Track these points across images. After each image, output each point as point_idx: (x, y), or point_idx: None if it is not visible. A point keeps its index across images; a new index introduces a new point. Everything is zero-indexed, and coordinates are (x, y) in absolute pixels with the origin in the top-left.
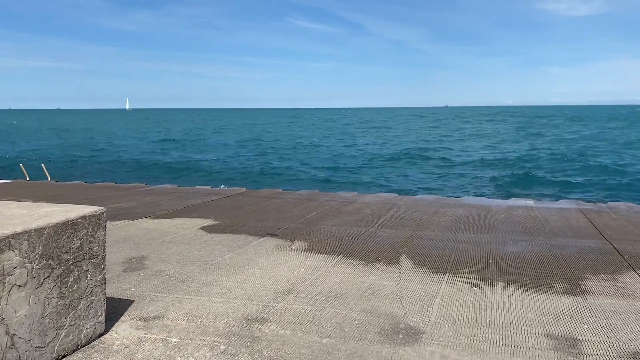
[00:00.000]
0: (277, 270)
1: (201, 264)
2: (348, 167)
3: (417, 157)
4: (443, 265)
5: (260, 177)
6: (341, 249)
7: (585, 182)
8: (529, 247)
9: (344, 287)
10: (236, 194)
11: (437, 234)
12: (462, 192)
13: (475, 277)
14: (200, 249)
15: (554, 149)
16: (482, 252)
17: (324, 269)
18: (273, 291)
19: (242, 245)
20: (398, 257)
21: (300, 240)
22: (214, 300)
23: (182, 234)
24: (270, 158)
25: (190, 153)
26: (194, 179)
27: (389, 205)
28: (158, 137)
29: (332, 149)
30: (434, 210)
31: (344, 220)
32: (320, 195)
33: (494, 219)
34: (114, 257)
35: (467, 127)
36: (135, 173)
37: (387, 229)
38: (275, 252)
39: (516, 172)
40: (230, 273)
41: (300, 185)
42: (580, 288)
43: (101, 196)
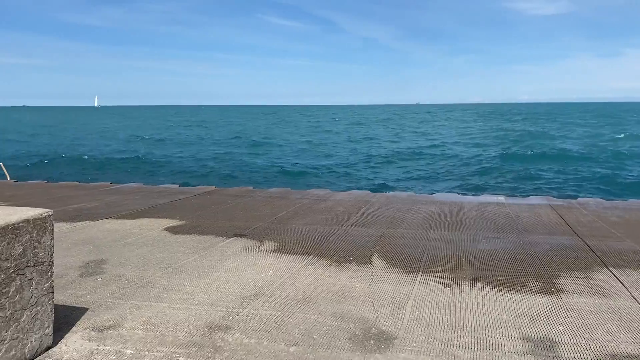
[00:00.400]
0: (244, 273)
1: (163, 268)
2: (339, 165)
3: (402, 155)
4: (416, 264)
5: (238, 174)
6: (312, 249)
7: (554, 177)
8: (502, 245)
9: (314, 290)
10: (204, 193)
11: (409, 231)
12: (435, 189)
13: (448, 276)
14: (163, 251)
15: (520, 145)
16: (454, 250)
17: (294, 271)
18: (239, 296)
19: (208, 247)
20: (370, 256)
21: (270, 240)
22: (175, 306)
23: (146, 235)
24: (249, 155)
25: (160, 150)
26: (163, 177)
27: (361, 203)
28: (128, 135)
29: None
30: (407, 208)
31: (316, 218)
32: (292, 193)
33: (466, 216)
34: (70, 261)
35: (445, 125)
36: (102, 172)
37: (359, 227)
38: (243, 253)
39: (486, 167)
40: (194, 277)
41: (275, 182)
42: (555, 287)
43: (62, 196)
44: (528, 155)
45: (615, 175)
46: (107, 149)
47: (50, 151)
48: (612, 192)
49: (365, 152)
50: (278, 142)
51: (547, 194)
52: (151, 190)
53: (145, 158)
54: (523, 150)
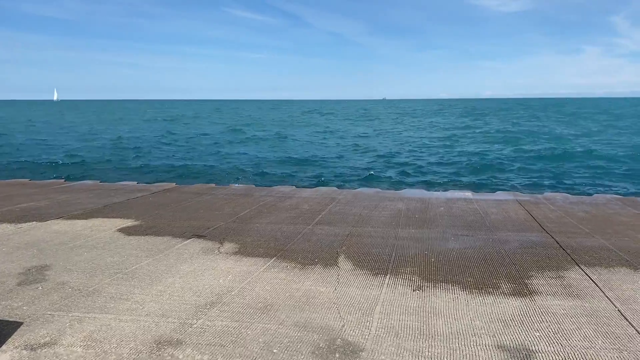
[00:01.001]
0: (201, 278)
1: (113, 273)
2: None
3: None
4: (384, 265)
5: (210, 169)
6: (275, 251)
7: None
8: (472, 243)
9: (275, 296)
10: (164, 190)
11: (377, 230)
12: (402, 185)
13: (417, 278)
14: (114, 255)
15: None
16: (423, 250)
17: (255, 275)
18: (193, 305)
19: (164, 250)
20: (336, 257)
21: (230, 241)
22: (121, 318)
23: (97, 237)
24: (220, 150)
25: (123, 146)
26: (122, 174)
27: (328, 200)
28: (87, 129)
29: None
30: (374, 205)
31: (280, 217)
32: (256, 190)
33: (434, 213)
34: (9, 268)
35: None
36: (60, 169)
37: (325, 226)
38: (201, 256)
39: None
40: (146, 283)
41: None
42: (528, 288)
43: (9, 194)
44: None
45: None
46: (66, 144)
47: (3, 147)
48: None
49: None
50: (297, 136)
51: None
52: (107, 188)
53: (105, 154)
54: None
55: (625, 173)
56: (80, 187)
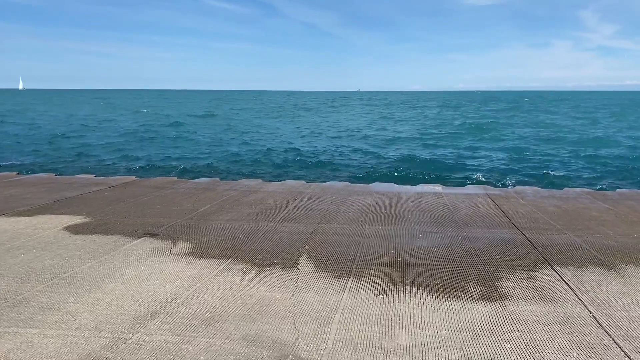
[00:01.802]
0: (146, 283)
1: (48, 278)
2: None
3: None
4: (347, 266)
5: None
6: (232, 251)
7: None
8: (440, 240)
9: (225, 305)
10: (122, 184)
11: (343, 227)
12: (373, 178)
13: (382, 280)
14: (54, 257)
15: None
16: (390, 248)
17: (206, 280)
18: (132, 315)
19: (111, 250)
20: (297, 258)
21: (185, 240)
22: (47, 333)
23: (39, 236)
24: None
25: (89, 137)
26: (91, 166)
27: (294, 195)
28: (52, 120)
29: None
30: (342, 199)
31: (243, 213)
32: (220, 184)
33: (403, 208)
34: None
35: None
36: (18, 160)
37: (289, 223)
38: (150, 257)
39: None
40: (83, 290)
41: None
42: (498, 291)
43: None
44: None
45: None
46: (27, 135)
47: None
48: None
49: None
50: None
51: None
52: (62, 182)
53: (71, 145)
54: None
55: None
56: (32, 180)
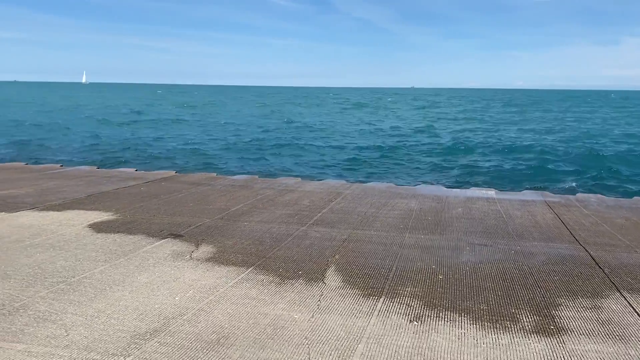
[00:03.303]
0: (155, 293)
1: (55, 283)
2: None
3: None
4: (380, 282)
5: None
6: (255, 258)
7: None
8: (489, 255)
9: (235, 325)
10: (160, 179)
11: (380, 234)
12: (417, 178)
13: (418, 303)
14: (69, 258)
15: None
16: (431, 262)
17: (220, 292)
18: (131, 333)
19: (129, 252)
20: (325, 269)
21: (209, 243)
22: (33, 350)
23: (61, 233)
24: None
25: (157, 131)
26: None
27: (333, 195)
28: (122, 114)
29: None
30: (383, 202)
31: (275, 214)
32: (257, 182)
33: (450, 215)
34: None
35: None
36: (85, 153)
37: (322, 227)
38: (168, 262)
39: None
40: (87, 298)
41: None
42: (555, 323)
43: None
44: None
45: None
46: (95, 129)
47: (37, 129)
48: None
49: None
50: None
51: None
52: (101, 175)
53: (135, 139)
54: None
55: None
56: (73, 173)
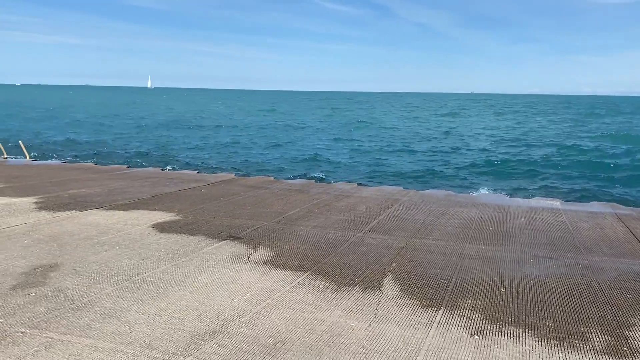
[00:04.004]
0: (214, 294)
1: (120, 280)
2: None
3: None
4: (439, 293)
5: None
6: (312, 263)
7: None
8: (555, 269)
9: (292, 329)
10: (220, 182)
11: (439, 243)
12: (477, 185)
13: (479, 316)
14: (133, 256)
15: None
16: (492, 274)
17: (277, 296)
18: (190, 333)
19: (190, 252)
20: (382, 278)
21: (266, 247)
22: (99, 346)
23: (127, 232)
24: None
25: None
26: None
27: (389, 202)
28: (192, 118)
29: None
30: (442, 210)
31: (331, 219)
32: (313, 187)
33: (512, 225)
34: (16, 265)
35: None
36: (152, 157)
37: (379, 234)
38: (227, 264)
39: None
40: (150, 297)
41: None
42: (628, 344)
43: (67, 179)
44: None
45: None
46: (168, 133)
47: (120, 130)
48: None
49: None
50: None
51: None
52: (165, 177)
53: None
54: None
55: None
56: (139, 174)
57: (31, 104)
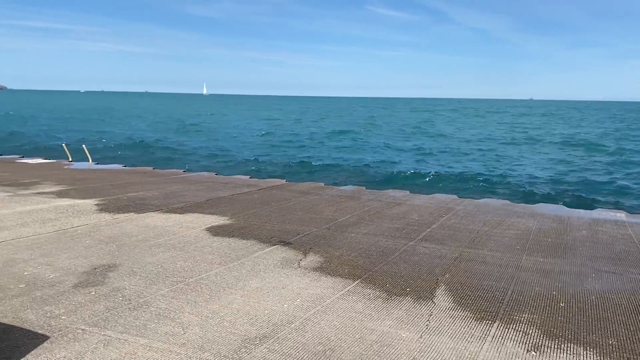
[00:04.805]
0: (265, 299)
1: (175, 282)
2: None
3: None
4: (494, 306)
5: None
6: (362, 271)
7: None
8: (619, 284)
9: (341, 337)
10: (271, 187)
11: (495, 254)
12: (536, 197)
13: (536, 331)
14: (187, 259)
15: None
16: (551, 288)
17: (327, 302)
18: (242, 337)
19: (242, 256)
20: (434, 288)
21: (316, 253)
22: (153, 346)
23: (182, 235)
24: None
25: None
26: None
27: (443, 210)
28: (256, 126)
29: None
30: (498, 221)
31: (382, 227)
32: (364, 194)
33: (573, 237)
34: (78, 264)
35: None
36: (210, 160)
37: (431, 244)
38: (277, 269)
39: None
40: (203, 299)
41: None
42: None
43: (126, 182)
44: None
45: None
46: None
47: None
48: None
49: None
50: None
51: None
52: (219, 181)
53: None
54: None
55: None
56: (194, 178)
57: (124, 109)
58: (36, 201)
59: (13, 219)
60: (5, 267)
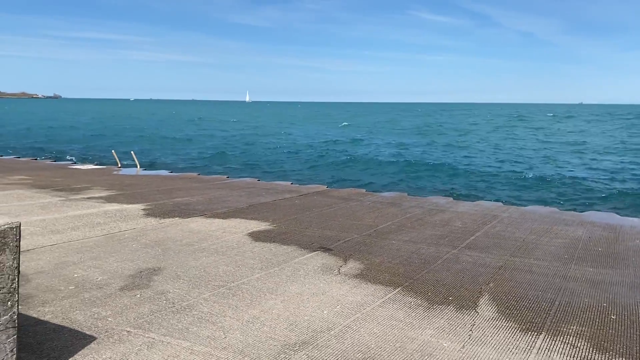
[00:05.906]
0: (305, 305)
1: (217, 286)
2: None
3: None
4: (540, 317)
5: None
6: (403, 278)
7: None
8: None
9: (382, 346)
10: (313, 193)
11: (541, 264)
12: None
13: (585, 344)
14: (230, 263)
15: None
16: (601, 299)
17: (367, 310)
18: (281, 342)
19: (282, 262)
20: (478, 297)
21: (356, 260)
22: (195, 349)
23: (224, 239)
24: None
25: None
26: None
27: (487, 218)
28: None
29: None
30: (545, 229)
31: (424, 234)
32: (406, 200)
33: (626, 247)
34: (125, 267)
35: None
36: (267, 167)
37: (475, 252)
38: (318, 275)
39: None
40: (244, 304)
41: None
42: None
43: (172, 188)
44: None
45: None
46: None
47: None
48: None
49: None
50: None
51: None
52: (261, 187)
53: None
54: None
55: None
56: (237, 184)
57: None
58: (86, 206)
59: (65, 222)
60: (57, 269)
